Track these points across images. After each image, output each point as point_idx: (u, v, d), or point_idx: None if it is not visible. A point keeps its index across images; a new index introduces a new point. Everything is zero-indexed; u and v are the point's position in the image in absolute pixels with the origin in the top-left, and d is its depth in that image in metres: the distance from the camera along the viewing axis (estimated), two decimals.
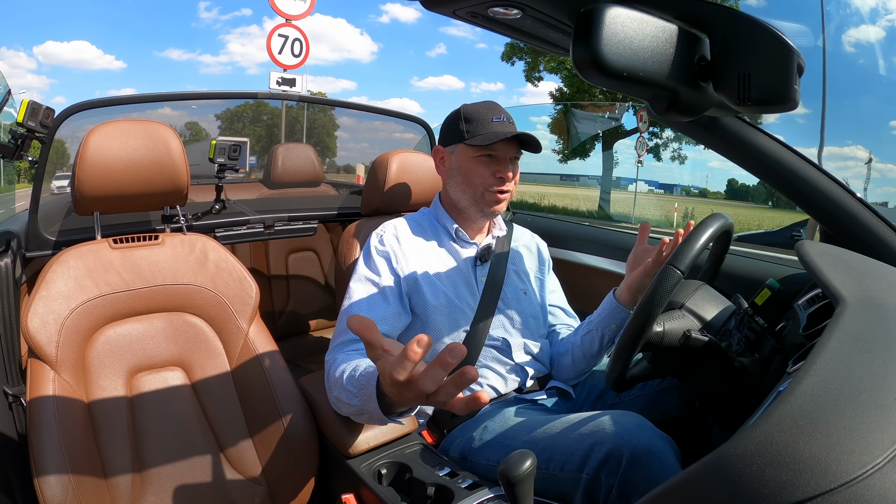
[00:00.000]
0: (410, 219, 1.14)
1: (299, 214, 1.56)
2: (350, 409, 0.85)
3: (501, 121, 1.07)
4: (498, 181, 1.07)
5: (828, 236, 0.90)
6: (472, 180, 1.08)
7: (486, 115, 1.07)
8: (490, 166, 1.07)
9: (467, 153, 1.08)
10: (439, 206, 1.15)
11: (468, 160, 1.08)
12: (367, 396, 0.76)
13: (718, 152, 0.86)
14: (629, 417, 0.84)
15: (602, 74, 0.44)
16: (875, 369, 0.44)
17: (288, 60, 5.10)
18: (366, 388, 0.76)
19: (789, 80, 0.47)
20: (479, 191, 1.08)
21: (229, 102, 10.68)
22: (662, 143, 13.45)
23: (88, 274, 0.98)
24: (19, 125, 1.09)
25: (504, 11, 0.54)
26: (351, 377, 0.83)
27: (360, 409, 0.81)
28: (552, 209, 10.52)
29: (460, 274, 1.09)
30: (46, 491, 0.80)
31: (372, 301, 1.01)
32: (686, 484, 0.40)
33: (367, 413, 0.79)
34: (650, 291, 0.81)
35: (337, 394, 0.88)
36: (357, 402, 0.81)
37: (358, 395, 0.80)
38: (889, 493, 0.34)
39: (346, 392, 0.83)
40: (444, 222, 1.13)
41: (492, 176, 1.07)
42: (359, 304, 1.00)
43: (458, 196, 1.11)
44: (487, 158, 1.07)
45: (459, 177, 1.10)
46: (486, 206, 1.08)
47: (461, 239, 1.12)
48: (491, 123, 1.06)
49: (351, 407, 0.84)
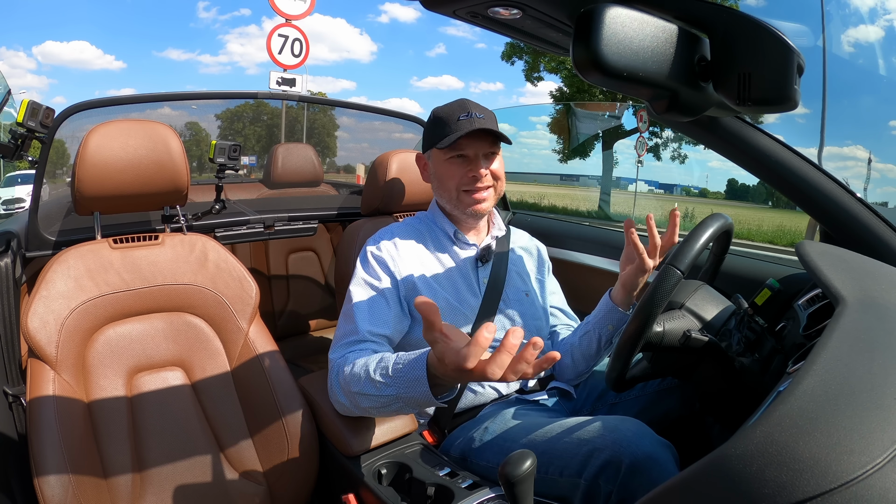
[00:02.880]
0: (407, 224, 1.13)
1: (299, 214, 1.56)
2: (377, 400, 0.82)
3: (468, 118, 1.02)
4: (471, 180, 1.04)
5: (828, 236, 0.90)
6: (446, 183, 1.06)
7: (453, 114, 1.03)
8: (462, 167, 1.04)
9: (439, 157, 1.06)
10: (437, 210, 1.14)
11: (441, 164, 1.06)
12: (409, 382, 0.75)
13: (718, 152, 0.86)
14: (628, 424, 0.83)
15: (602, 74, 0.44)
16: (875, 369, 0.44)
17: (288, 60, 5.10)
18: (408, 374, 0.75)
19: (789, 80, 0.47)
20: (453, 193, 1.05)
21: (229, 102, 10.71)
22: (662, 142, 13.45)
23: (88, 274, 0.98)
24: (19, 125, 1.09)
25: (504, 11, 0.54)
26: (382, 368, 0.81)
27: (394, 398, 0.79)
28: (552, 209, 10.53)
29: (461, 275, 1.08)
30: (46, 491, 0.80)
31: (373, 304, 1.00)
32: (686, 484, 0.40)
33: (402, 401, 0.78)
34: (650, 291, 0.81)
35: (357, 388, 0.85)
36: (390, 392, 0.79)
37: (393, 384, 0.78)
38: (889, 493, 0.34)
39: (375, 384, 0.81)
40: (443, 225, 1.12)
41: (464, 176, 1.04)
42: (360, 307, 0.99)
43: (442, 202, 1.10)
44: (459, 159, 1.04)
45: (437, 182, 1.09)
46: (465, 207, 1.06)
47: (460, 241, 1.11)
48: (457, 122, 1.02)
49: (380, 398, 0.81)
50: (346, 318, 1.00)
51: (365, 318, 0.97)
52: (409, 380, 0.75)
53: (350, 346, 0.95)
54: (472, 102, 1.06)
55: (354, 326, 0.97)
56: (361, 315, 0.97)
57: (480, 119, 1.02)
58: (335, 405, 0.95)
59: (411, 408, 0.82)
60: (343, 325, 1.00)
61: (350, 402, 0.89)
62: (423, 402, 0.76)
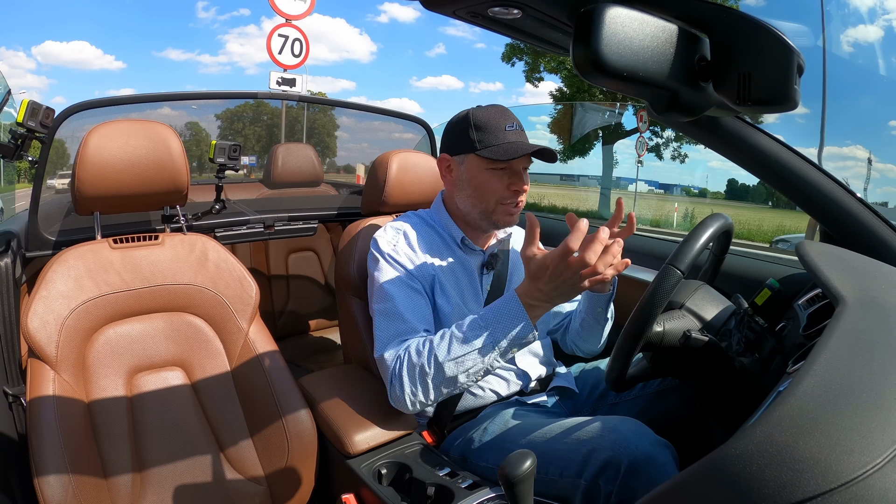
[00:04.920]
0: (417, 223, 1.09)
1: (299, 214, 1.56)
2: (467, 360, 0.84)
3: (514, 129, 1.01)
4: (513, 195, 1.01)
5: (828, 236, 0.90)
6: (485, 194, 1.02)
7: (499, 123, 1.00)
8: (504, 179, 1.01)
9: (479, 164, 1.01)
10: (444, 213, 1.10)
11: (480, 172, 1.02)
12: (508, 319, 0.82)
13: (718, 152, 0.86)
14: (628, 424, 0.83)
15: (602, 74, 0.44)
16: (875, 369, 0.44)
17: (288, 60, 5.10)
18: (504, 313, 0.83)
19: (789, 80, 0.47)
20: (491, 205, 1.02)
21: (229, 102, 10.71)
22: (663, 142, 13.46)
23: (88, 274, 0.98)
24: (19, 125, 1.09)
25: (504, 11, 0.54)
26: (468, 325, 0.85)
27: (489, 345, 0.83)
28: (552, 209, 10.52)
29: (467, 281, 1.07)
30: (46, 491, 0.80)
31: (414, 301, 0.98)
32: (686, 484, 0.40)
33: (498, 347, 0.83)
34: (650, 291, 0.81)
35: (443, 357, 0.85)
36: (487, 340, 0.83)
37: (489, 327, 0.83)
38: (889, 493, 0.34)
39: (464, 341, 0.84)
40: (451, 230, 1.08)
41: (506, 189, 1.01)
42: (403, 305, 0.96)
43: (467, 208, 1.05)
44: (501, 171, 1.01)
45: (470, 189, 1.03)
46: (498, 219, 1.03)
47: (468, 247, 1.08)
48: (504, 133, 1.00)
49: (471, 354, 0.83)
50: (388, 317, 0.96)
51: (413, 315, 0.96)
52: (507, 318, 0.82)
53: (400, 337, 0.94)
54: (510, 111, 1.04)
55: (405, 325, 0.95)
56: (409, 313, 0.96)
57: (524, 132, 1.03)
58: (396, 402, 0.92)
59: (502, 356, 0.84)
60: (387, 325, 0.96)
61: (427, 385, 0.87)
62: (520, 337, 0.82)
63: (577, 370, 1.20)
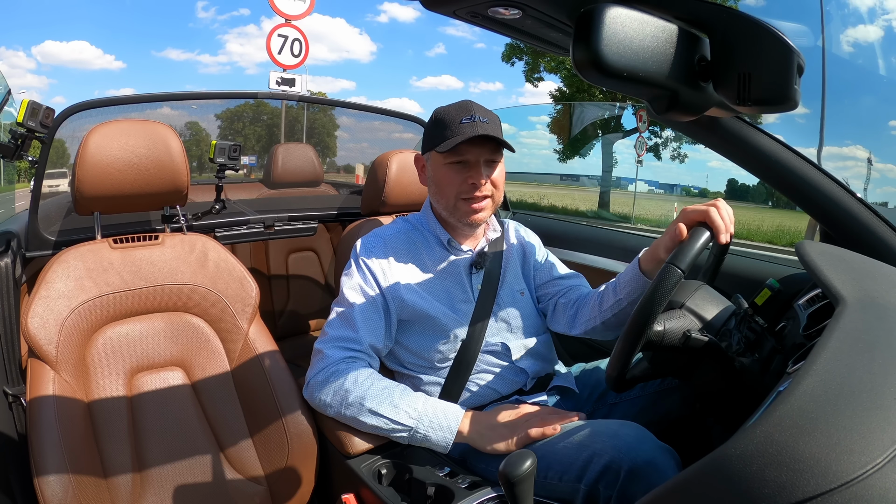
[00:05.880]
0: (399, 230, 1.09)
1: (299, 214, 1.57)
2: (385, 424, 0.90)
3: (471, 121, 0.97)
4: (470, 188, 0.99)
5: (828, 236, 0.90)
6: (444, 189, 1.01)
7: (456, 116, 0.98)
8: (461, 173, 0.99)
9: (438, 160, 1.01)
10: (430, 215, 1.09)
11: (440, 168, 1.01)
12: (436, 427, 0.89)
13: (718, 152, 0.86)
14: (628, 429, 0.82)
15: (602, 74, 0.44)
16: (875, 369, 0.44)
17: (287, 60, 5.10)
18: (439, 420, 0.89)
19: (789, 80, 0.46)
20: (451, 200, 1.01)
21: (229, 102, 10.71)
22: (662, 142, 13.46)
23: (88, 274, 0.98)
24: (19, 125, 1.09)
25: (504, 11, 0.54)
26: (409, 401, 0.91)
27: (408, 429, 0.89)
28: (552, 209, 10.53)
29: (455, 282, 1.06)
30: (46, 491, 0.80)
31: (368, 314, 0.98)
32: (686, 484, 0.40)
33: (412, 438, 0.90)
34: (650, 291, 0.81)
35: (369, 405, 0.90)
36: (410, 424, 0.89)
37: (419, 420, 0.89)
38: (889, 493, 0.34)
39: (395, 411, 0.89)
40: (437, 231, 1.08)
41: (463, 183, 0.99)
42: (357, 313, 0.98)
43: (438, 207, 1.05)
44: (459, 165, 0.99)
45: (434, 187, 1.04)
46: (462, 216, 1.02)
47: (454, 247, 1.08)
48: (459, 126, 0.97)
49: (390, 423, 0.89)
50: (342, 319, 0.98)
51: (364, 327, 0.97)
52: (437, 425, 0.89)
53: (348, 350, 0.95)
54: (477, 105, 1.01)
55: (355, 334, 0.96)
56: (362, 324, 0.97)
57: (484, 123, 0.97)
58: (307, 390, 0.96)
59: (414, 442, 0.91)
60: (339, 325, 0.98)
61: (339, 404, 0.92)
62: (433, 443, 0.90)
63: (577, 370, 1.20)
